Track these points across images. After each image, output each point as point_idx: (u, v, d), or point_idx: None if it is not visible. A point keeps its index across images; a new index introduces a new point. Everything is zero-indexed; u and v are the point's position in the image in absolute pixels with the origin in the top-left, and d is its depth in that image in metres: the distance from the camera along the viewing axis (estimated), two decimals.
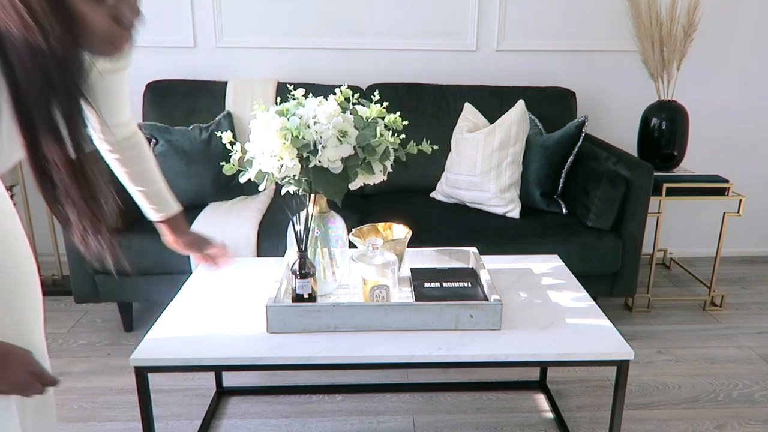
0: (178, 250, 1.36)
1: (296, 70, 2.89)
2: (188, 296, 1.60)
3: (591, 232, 2.26)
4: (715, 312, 2.62)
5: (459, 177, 2.46)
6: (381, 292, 1.46)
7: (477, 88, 2.75)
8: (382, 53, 2.89)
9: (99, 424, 1.84)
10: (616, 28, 2.90)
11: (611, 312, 2.61)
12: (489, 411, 1.92)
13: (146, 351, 1.34)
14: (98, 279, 2.23)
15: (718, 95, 3.02)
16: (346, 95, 1.49)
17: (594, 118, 3.01)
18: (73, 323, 2.45)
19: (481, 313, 1.42)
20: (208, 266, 1.41)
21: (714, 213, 3.18)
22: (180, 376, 2.09)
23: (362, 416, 1.89)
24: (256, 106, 1.48)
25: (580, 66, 2.95)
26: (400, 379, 2.08)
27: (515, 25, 2.87)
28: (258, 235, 2.19)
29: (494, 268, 1.78)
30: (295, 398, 1.98)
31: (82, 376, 2.10)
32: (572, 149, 2.38)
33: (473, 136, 2.45)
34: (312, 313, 1.40)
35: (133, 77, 2.86)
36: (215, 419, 1.88)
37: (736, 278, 2.97)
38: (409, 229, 1.66)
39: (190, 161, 2.39)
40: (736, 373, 2.16)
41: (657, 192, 2.51)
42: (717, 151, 3.10)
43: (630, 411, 1.93)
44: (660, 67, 2.67)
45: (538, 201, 2.42)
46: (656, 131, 2.65)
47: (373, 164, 1.48)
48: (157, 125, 2.42)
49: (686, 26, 2.60)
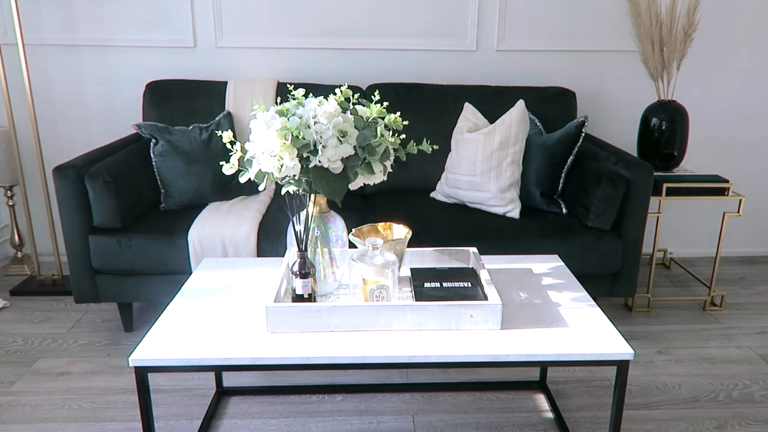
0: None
1: (296, 70, 2.89)
2: (188, 296, 1.60)
3: (591, 232, 2.26)
4: (715, 312, 2.62)
5: (459, 177, 2.46)
6: (381, 292, 1.46)
7: (477, 88, 2.75)
8: (382, 53, 2.89)
9: (99, 424, 1.84)
10: (616, 28, 2.90)
11: (611, 312, 2.61)
12: (489, 411, 1.92)
13: (146, 351, 1.34)
14: (98, 279, 2.23)
15: (718, 95, 3.02)
16: (346, 95, 1.49)
17: (594, 118, 3.02)
18: (73, 323, 2.45)
19: (481, 313, 1.42)
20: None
21: (714, 213, 3.19)
22: (180, 376, 2.09)
23: (362, 416, 1.89)
24: (256, 106, 1.48)
25: (580, 66, 2.95)
26: (400, 379, 2.08)
27: (515, 25, 2.87)
28: (258, 235, 2.19)
29: (494, 268, 1.79)
30: (295, 398, 1.98)
31: (82, 376, 2.10)
32: (572, 149, 2.38)
33: (473, 136, 2.45)
34: (312, 313, 1.40)
35: (133, 77, 2.88)
36: (215, 419, 1.88)
37: (736, 278, 2.97)
38: (409, 229, 1.66)
39: (190, 161, 2.39)
40: (736, 373, 2.16)
41: (657, 192, 2.51)
42: (717, 151, 3.10)
43: (630, 411, 1.93)
44: (660, 67, 2.67)
45: (538, 201, 2.42)
46: (656, 131, 2.65)
47: (373, 164, 1.48)
48: (157, 125, 2.42)
49: (686, 26, 2.60)
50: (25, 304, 2.62)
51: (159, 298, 2.25)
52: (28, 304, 2.62)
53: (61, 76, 2.86)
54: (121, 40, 2.81)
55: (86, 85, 2.87)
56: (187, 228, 2.19)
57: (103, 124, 2.92)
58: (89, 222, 2.17)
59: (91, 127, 2.93)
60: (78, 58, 2.83)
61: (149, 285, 2.24)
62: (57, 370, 2.13)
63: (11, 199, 2.84)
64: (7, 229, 3.08)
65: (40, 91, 2.87)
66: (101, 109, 2.90)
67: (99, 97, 2.89)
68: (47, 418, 1.87)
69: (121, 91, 2.88)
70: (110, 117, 2.91)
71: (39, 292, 2.70)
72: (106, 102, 2.89)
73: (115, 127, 2.91)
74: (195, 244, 2.16)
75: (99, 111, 2.91)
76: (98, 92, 2.88)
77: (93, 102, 2.90)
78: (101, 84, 2.87)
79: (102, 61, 2.84)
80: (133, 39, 2.81)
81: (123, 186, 2.19)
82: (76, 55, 2.83)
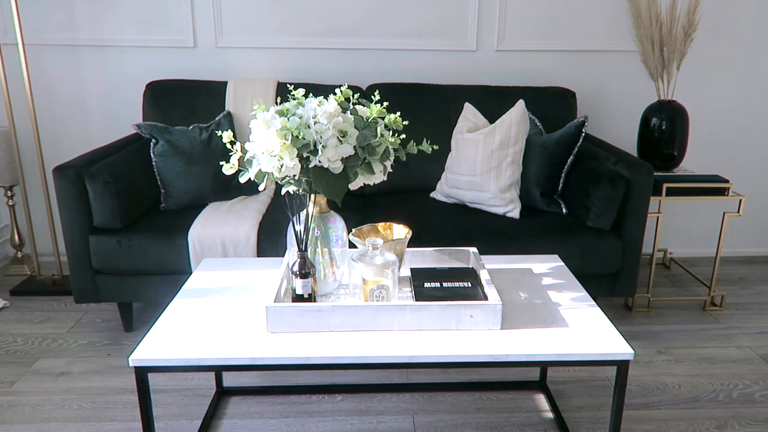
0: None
1: (296, 70, 2.89)
2: (188, 296, 1.60)
3: (591, 232, 2.26)
4: (715, 312, 2.62)
5: (459, 177, 2.46)
6: (381, 292, 1.46)
7: (477, 88, 2.75)
8: (382, 53, 2.89)
9: (99, 424, 1.84)
10: (616, 28, 2.90)
11: (611, 312, 2.61)
12: (489, 411, 1.92)
13: (146, 351, 1.34)
14: (98, 279, 2.23)
15: (718, 95, 3.02)
16: (346, 95, 1.49)
17: (594, 118, 3.02)
18: (73, 323, 2.45)
19: (481, 313, 1.42)
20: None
21: (714, 213, 3.19)
22: (180, 376, 2.09)
23: (362, 416, 1.89)
24: (256, 106, 1.48)
25: (580, 66, 2.95)
26: (400, 379, 2.08)
27: (515, 25, 2.87)
28: (258, 235, 2.19)
29: (494, 268, 1.79)
30: (295, 398, 1.98)
31: (82, 376, 2.10)
32: (572, 149, 2.38)
33: (473, 136, 2.45)
34: (312, 313, 1.40)
35: (133, 77, 2.88)
36: (215, 419, 1.88)
37: (736, 278, 2.97)
38: (409, 229, 1.66)
39: (190, 161, 2.39)
40: (736, 373, 2.16)
41: (657, 192, 2.51)
42: (717, 151, 3.10)
43: (630, 411, 1.93)
44: (660, 67, 2.67)
45: (538, 201, 2.42)
46: (656, 131, 2.65)
47: (373, 164, 1.47)
48: (157, 125, 2.42)
49: (686, 26, 2.60)
50: (25, 304, 2.62)
51: (159, 298, 2.25)
52: (28, 304, 2.62)
53: (61, 76, 2.86)
54: (121, 40, 2.81)
55: (86, 85, 2.87)
56: (187, 228, 2.19)
57: (103, 124, 2.92)
58: (89, 222, 2.17)
59: (91, 127, 2.93)
60: (78, 58, 2.83)
61: (149, 285, 2.24)
62: (57, 370, 2.13)
63: (11, 199, 2.84)
64: (7, 229, 3.08)
65: (40, 91, 2.87)
66: (101, 109, 2.90)
67: (99, 97, 2.89)
68: (47, 418, 1.87)
69: (121, 91, 2.88)
70: (110, 117, 2.91)
71: (39, 292, 2.70)
72: (106, 102, 2.89)
73: (115, 127, 2.91)
74: (195, 244, 2.16)
75: (99, 111, 2.91)
76: (98, 92, 2.88)
77: (93, 102, 2.90)
78: (101, 84, 2.87)
79: (102, 61, 2.84)
80: (133, 39, 2.81)
81: (123, 186, 2.19)
82: (76, 55, 2.83)
